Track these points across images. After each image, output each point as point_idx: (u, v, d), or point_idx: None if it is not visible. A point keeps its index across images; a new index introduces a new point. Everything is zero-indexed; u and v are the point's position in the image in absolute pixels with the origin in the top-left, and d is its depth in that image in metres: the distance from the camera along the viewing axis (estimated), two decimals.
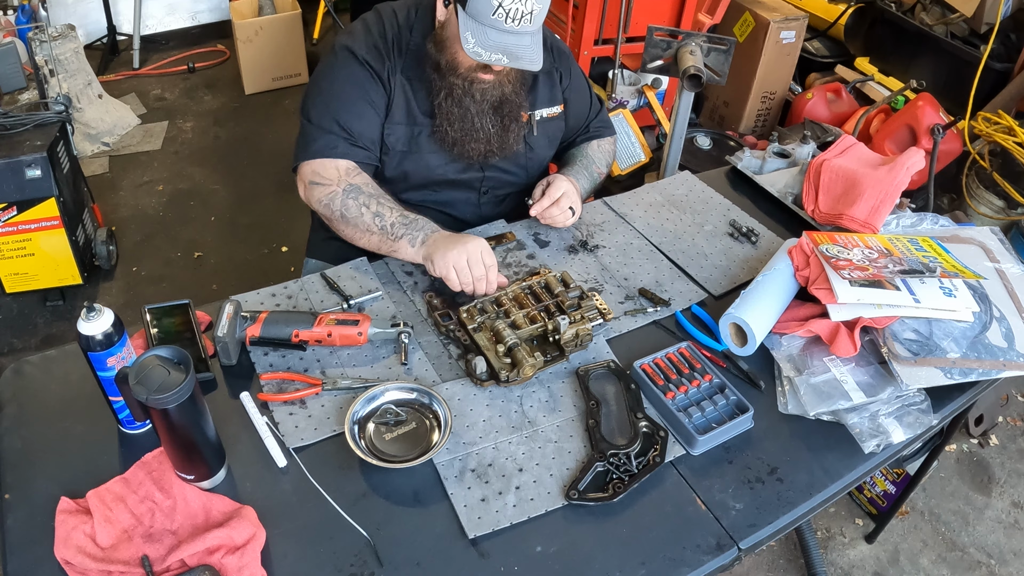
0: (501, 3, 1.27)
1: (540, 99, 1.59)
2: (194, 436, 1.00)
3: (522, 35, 1.32)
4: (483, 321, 1.29)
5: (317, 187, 1.44)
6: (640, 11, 2.87)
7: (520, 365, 1.20)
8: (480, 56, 1.31)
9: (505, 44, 1.31)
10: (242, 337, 1.22)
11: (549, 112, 1.61)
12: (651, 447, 1.13)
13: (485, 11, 1.28)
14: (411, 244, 1.39)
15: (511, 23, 1.29)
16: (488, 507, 1.05)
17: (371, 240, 1.42)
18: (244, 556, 0.95)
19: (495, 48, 1.31)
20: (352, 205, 1.42)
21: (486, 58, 1.31)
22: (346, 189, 1.42)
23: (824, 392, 1.21)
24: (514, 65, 1.34)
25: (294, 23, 3.85)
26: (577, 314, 1.29)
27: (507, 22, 1.29)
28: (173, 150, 3.52)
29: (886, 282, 1.29)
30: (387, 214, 1.41)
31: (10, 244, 2.42)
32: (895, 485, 2.01)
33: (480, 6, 1.28)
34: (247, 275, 2.86)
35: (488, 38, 1.30)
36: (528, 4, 1.29)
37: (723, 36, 1.85)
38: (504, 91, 1.47)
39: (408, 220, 1.41)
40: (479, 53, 1.31)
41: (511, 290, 1.35)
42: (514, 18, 1.29)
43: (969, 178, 2.86)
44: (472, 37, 1.30)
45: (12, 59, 2.50)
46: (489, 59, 1.31)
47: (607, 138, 1.77)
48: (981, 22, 3.02)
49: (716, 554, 1.02)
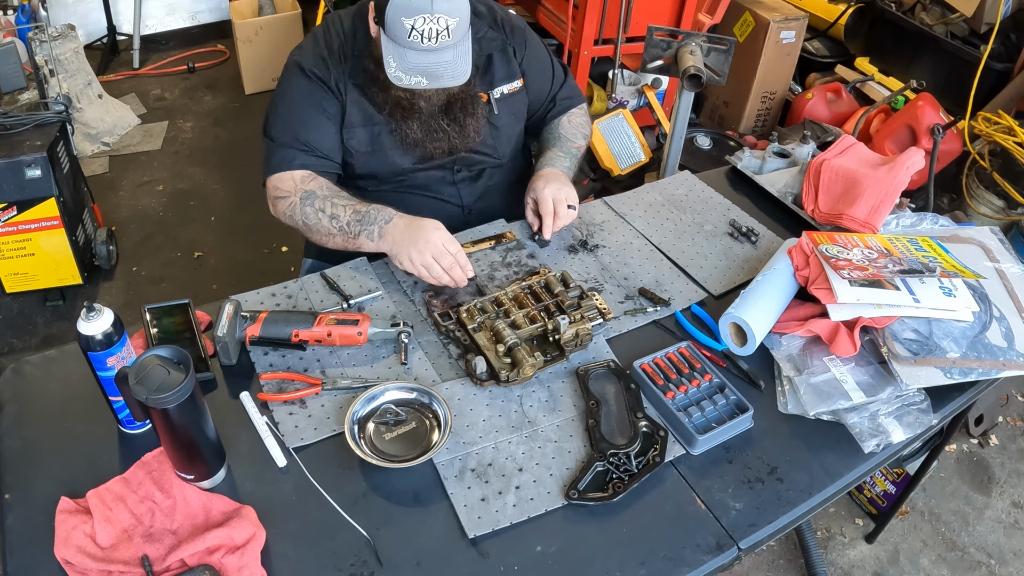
0: (414, 25, 1.28)
1: (498, 77, 1.58)
2: (194, 436, 1.00)
3: (442, 51, 1.33)
4: (483, 321, 1.29)
5: (280, 200, 1.48)
6: (640, 11, 2.87)
7: (520, 365, 1.20)
8: (401, 81, 1.33)
9: (425, 64, 1.32)
10: (242, 337, 1.22)
11: (509, 88, 1.60)
12: (651, 447, 1.13)
13: (401, 35, 1.30)
14: (369, 238, 1.39)
15: (428, 42, 1.30)
16: (488, 507, 1.05)
17: (336, 242, 1.43)
18: (244, 556, 0.95)
19: (415, 70, 1.32)
20: (310, 212, 1.44)
21: (406, 82, 1.34)
22: (302, 197, 1.45)
23: (824, 392, 1.21)
24: (434, 85, 1.36)
25: (294, 23, 3.86)
26: (577, 314, 1.29)
27: (424, 42, 1.29)
28: (173, 150, 3.52)
29: (886, 282, 1.29)
30: (341, 213, 1.41)
31: (10, 244, 2.42)
32: (895, 485, 2.01)
33: (396, 30, 1.30)
34: (247, 275, 2.86)
35: (407, 60, 1.32)
36: (440, 21, 1.28)
37: (723, 36, 1.85)
38: (450, 91, 1.46)
39: (361, 215, 1.40)
40: (400, 78, 1.33)
41: (511, 290, 1.35)
42: (429, 37, 1.29)
43: (969, 178, 2.86)
44: (394, 61, 1.32)
45: (12, 59, 2.50)
46: (408, 83, 1.34)
47: (576, 109, 1.75)
48: (981, 22, 3.02)
49: (716, 554, 1.02)
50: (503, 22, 1.60)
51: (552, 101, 1.72)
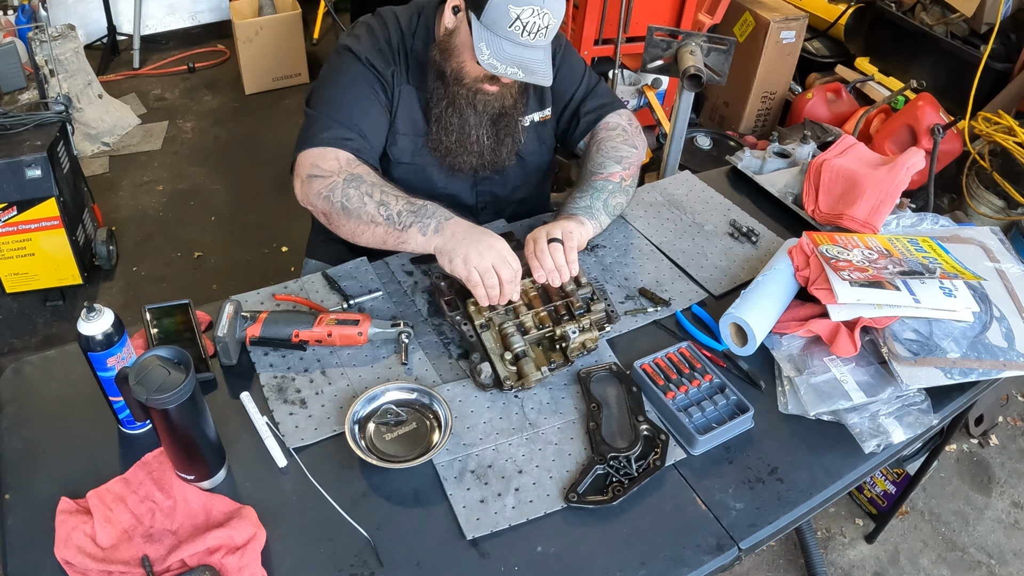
0: (519, 16, 1.24)
1: (531, 105, 1.55)
2: (194, 436, 1.00)
3: (536, 49, 1.29)
4: (491, 318, 1.27)
5: (316, 180, 1.34)
6: (640, 11, 2.87)
7: (526, 376, 1.20)
8: (495, 68, 1.28)
9: (520, 57, 1.28)
10: (242, 337, 1.22)
11: (540, 116, 1.58)
12: (652, 451, 1.13)
13: (502, 23, 1.25)
14: (422, 232, 1.26)
15: (527, 36, 1.26)
16: (487, 508, 1.05)
17: (376, 232, 1.30)
18: (244, 556, 0.95)
19: (510, 61, 1.28)
20: (354, 195, 1.30)
21: (501, 71, 1.28)
22: (347, 179, 1.32)
23: (824, 392, 1.21)
24: (528, 80, 1.30)
25: (294, 23, 3.85)
26: (586, 319, 1.28)
27: (523, 35, 1.26)
28: (173, 150, 3.52)
29: (886, 282, 1.29)
30: (392, 202, 1.29)
31: (10, 244, 2.42)
32: (895, 485, 2.01)
33: (497, 17, 1.25)
34: (247, 275, 2.86)
35: (503, 50, 1.27)
36: (546, 18, 1.26)
37: (723, 36, 1.85)
38: (505, 103, 1.44)
39: (416, 207, 1.28)
40: (494, 65, 1.27)
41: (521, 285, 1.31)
42: (531, 32, 1.26)
43: (969, 178, 2.86)
44: (487, 48, 1.27)
45: (12, 59, 2.50)
46: (504, 72, 1.28)
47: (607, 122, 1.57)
48: (981, 22, 3.02)
49: (716, 554, 1.02)
50: None
51: (575, 115, 1.60)
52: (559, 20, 1.29)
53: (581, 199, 1.44)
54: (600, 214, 1.43)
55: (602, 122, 1.58)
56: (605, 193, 1.45)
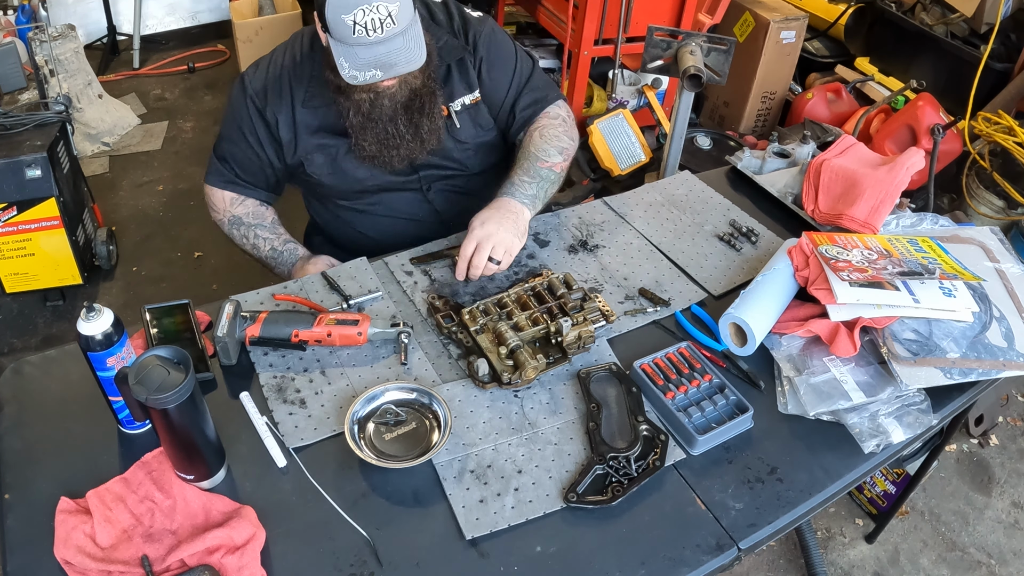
0: (355, 20, 1.24)
1: (457, 89, 1.54)
2: (194, 436, 1.00)
3: (391, 40, 1.28)
4: (485, 323, 1.29)
5: (213, 213, 1.63)
6: (640, 11, 2.87)
7: (522, 367, 1.20)
8: (356, 79, 1.29)
9: (376, 57, 1.28)
10: (242, 337, 1.22)
11: (470, 99, 1.56)
12: (651, 451, 1.13)
13: (346, 34, 1.26)
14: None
15: (374, 34, 1.26)
16: (486, 508, 1.05)
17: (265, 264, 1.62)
18: (244, 556, 0.95)
19: (367, 65, 1.28)
20: (236, 235, 1.60)
21: (362, 79, 1.29)
22: (231, 220, 1.59)
23: (824, 392, 1.21)
24: (389, 75, 1.32)
25: (294, 23, 3.86)
26: (579, 316, 1.29)
27: (369, 35, 1.26)
28: (173, 150, 3.52)
29: (886, 282, 1.29)
30: (261, 245, 1.59)
31: (10, 244, 2.42)
32: (895, 485, 2.01)
33: (340, 30, 1.26)
34: (247, 275, 2.85)
35: (358, 57, 1.28)
36: (381, 9, 1.24)
37: (723, 36, 1.85)
38: (413, 86, 1.42)
39: (276, 254, 1.58)
40: (355, 76, 1.29)
41: (513, 292, 1.35)
42: (373, 28, 1.25)
43: (969, 178, 2.86)
44: (346, 62, 1.28)
45: (12, 59, 2.50)
46: (365, 79, 1.29)
47: (548, 114, 1.59)
48: (981, 22, 3.02)
49: (716, 554, 1.02)
50: (462, 28, 1.54)
51: (513, 112, 1.60)
52: (401, 1, 1.26)
53: (530, 185, 1.48)
54: (539, 203, 1.50)
55: (541, 113, 1.61)
56: (548, 183, 1.52)
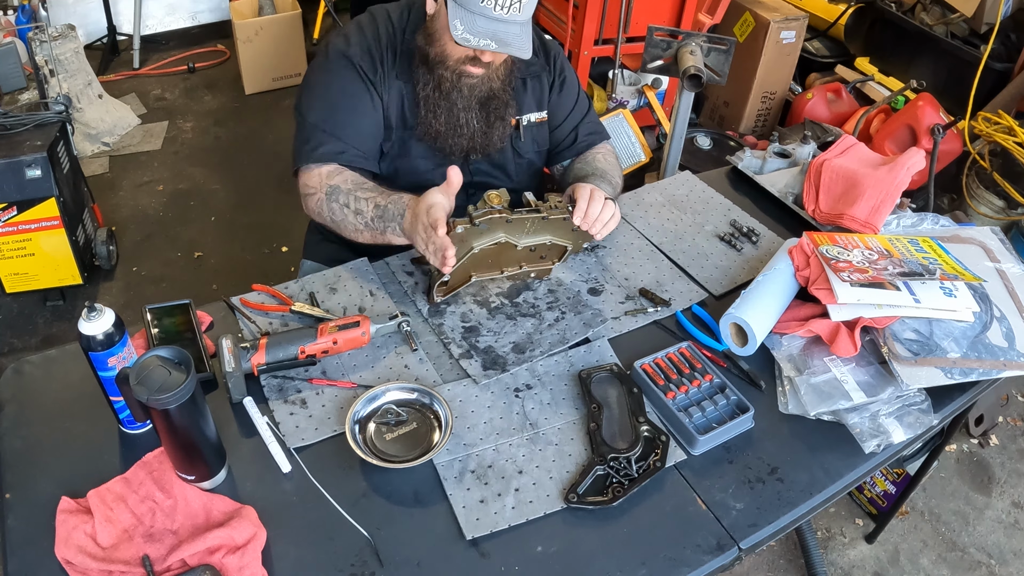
0: None
1: (527, 104, 1.57)
2: (195, 437, 1.00)
3: (511, 23, 1.30)
4: None
5: (309, 198, 1.44)
6: (640, 11, 2.87)
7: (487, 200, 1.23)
8: (468, 42, 1.30)
9: (494, 31, 1.30)
10: (247, 369, 1.17)
11: (537, 117, 1.59)
12: (652, 452, 1.13)
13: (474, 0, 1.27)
14: (396, 236, 1.35)
15: (500, 11, 1.28)
16: (487, 508, 1.05)
17: (365, 236, 1.40)
18: (245, 556, 0.95)
19: (483, 34, 1.29)
20: (336, 208, 1.40)
21: (474, 43, 1.30)
22: (328, 193, 1.41)
23: (824, 392, 1.21)
24: (503, 51, 1.32)
25: (294, 23, 3.85)
26: None
27: (496, 9, 1.28)
28: (173, 150, 3.52)
29: (886, 282, 1.29)
30: (365, 208, 1.37)
31: (10, 244, 2.42)
32: (895, 485, 2.01)
33: None
34: (247, 275, 2.86)
35: (476, 25, 1.29)
36: None
37: (723, 36, 1.86)
38: (492, 86, 1.45)
39: (382, 211, 1.36)
40: (467, 39, 1.29)
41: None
42: (503, 6, 1.28)
43: (969, 178, 2.86)
44: (461, 24, 1.29)
45: (12, 59, 2.50)
46: (478, 44, 1.30)
47: (604, 147, 1.68)
48: (981, 22, 3.02)
49: (716, 554, 1.02)
50: (541, 49, 1.57)
51: (574, 134, 1.64)
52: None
53: (607, 188, 1.50)
54: None
55: (598, 145, 1.67)
56: (615, 196, 1.57)
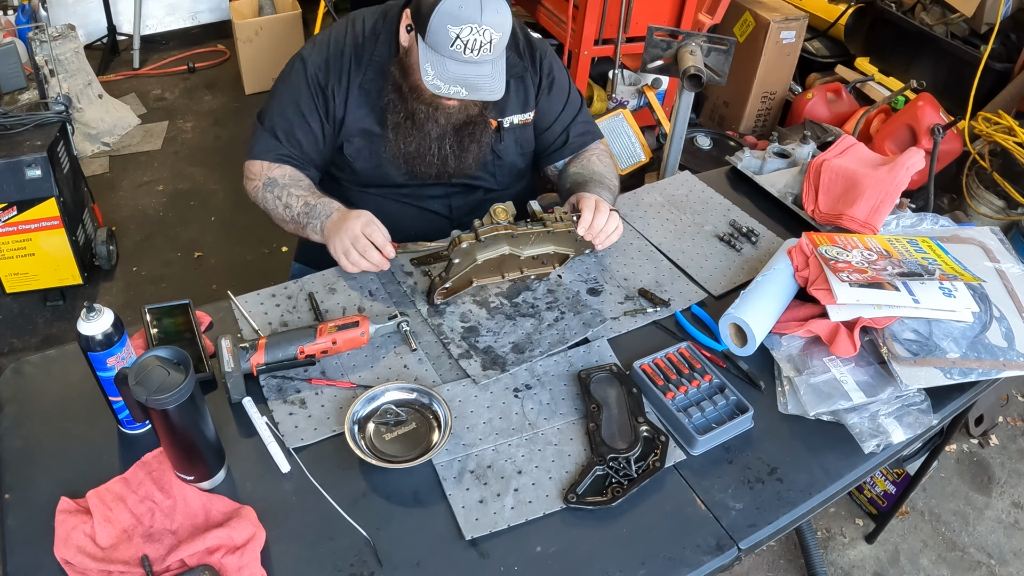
0: (459, 35, 1.26)
1: (511, 105, 1.55)
2: (194, 437, 1.00)
3: (482, 64, 1.31)
4: None
5: (248, 182, 1.54)
6: (640, 11, 2.87)
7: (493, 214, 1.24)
8: (439, 89, 1.31)
9: (465, 75, 1.31)
10: (247, 369, 1.17)
11: (521, 119, 1.58)
12: (651, 452, 1.13)
13: (443, 43, 1.27)
14: (315, 233, 1.42)
15: (470, 54, 1.28)
16: (486, 509, 1.05)
17: (292, 229, 1.48)
18: (244, 556, 0.95)
19: (454, 80, 1.30)
20: (269, 198, 1.48)
21: (444, 91, 1.31)
22: (265, 183, 1.49)
23: (824, 392, 1.21)
24: (472, 97, 1.34)
25: (294, 23, 3.85)
26: None
27: (466, 53, 1.28)
28: (173, 150, 3.52)
29: (886, 283, 1.29)
30: (294, 204, 1.45)
31: (10, 244, 2.42)
32: (895, 485, 2.01)
33: (438, 38, 1.27)
34: (247, 275, 2.86)
35: (447, 70, 1.30)
36: (487, 34, 1.27)
37: (723, 36, 1.85)
38: (470, 113, 1.45)
39: (309, 208, 1.43)
40: (438, 86, 1.31)
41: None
42: (473, 49, 1.28)
43: (969, 178, 2.86)
44: (432, 69, 1.30)
45: (12, 59, 2.50)
46: (448, 92, 1.31)
47: (598, 147, 1.66)
48: (981, 22, 3.02)
49: (716, 554, 1.02)
50: (527, 49, 1.56)
51: (566, 134, 1.64)
52: (503, 33, 1.31)
53: (606, 194, 1.51)
54: None
55: (592, 145, 1.67)
56: (614, 199, 1.57)
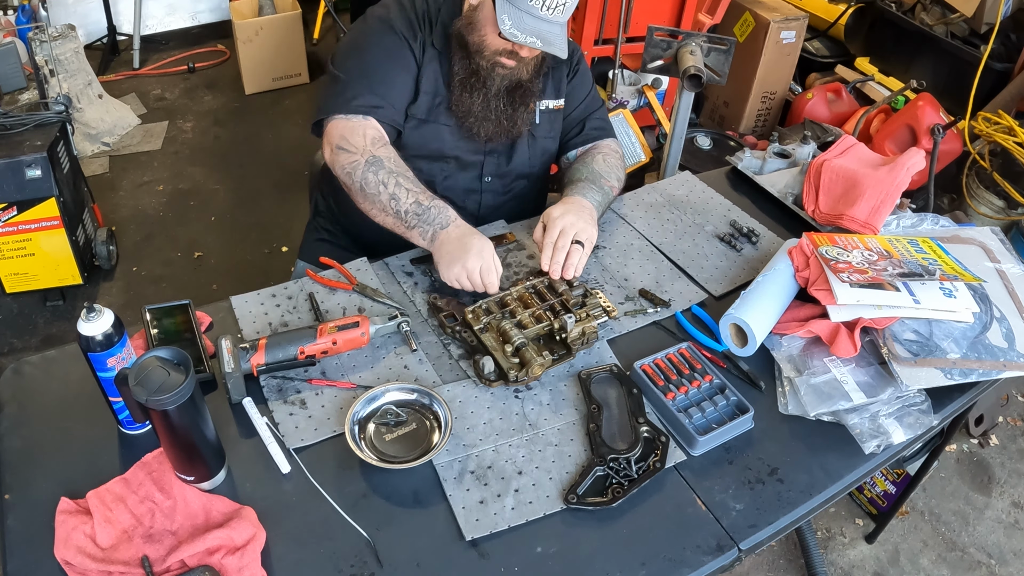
0: None
1: (547, 90, 1.61)
2: (194, 437, 0.99)
3: (554, 23, 1.36)
4: (488, 322, 1.29)
5: (343, 153, 1.41)
6: (640, 11, 2.87)
7: (529, 364, 1.20)
8: (516, 37, 1.34)
9: (539, 29, 1.35)
10: (247, 369, 1.17)
11: (554, 104, 1.63)
12: (652, 452, 1.13)
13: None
14: (423, 237, 1.37)
15: (546, 11, 1.34)
16: (486, 509, 1.05)
17: (387, 221, 1.40)
18: (244, 556, 0.95)
19: (530, 32, 1.35)
20: (372, 180, 1.38)
21: (521, 39, 1.35)
22: (368, 161, 1.39)
23: (824, 392, 1.21)
24: (546, 50, 1.38)
25: (294, 23, 3.85)
26: (582, 312, 1.29)
27: (543, 10, 1.34)
28: (173, 150, 3.52)
29: (886, 284, 1.29)
30: (403, 197, 1.37)
31: (10, 244, 2.42)
32: (895, 485, 2.01)
33: None
34: (247, 275, 2.86)
35: (524, 22, 1.34)
36: None
37: (723, 36, 1.85)
38: (521, 77, 1.50)
39: (422, 210, 1.36)
40: (515, 35, 1.34)
41: (515, 291, 1.35)
42: (550, 7, 1.34)
43: (969, 178, 2.86)
44: (509, 19, 1.34)
45: (12, 59, 2.50)
46: (524, 40, 1.35)
47: (608, 145, 1.68)
48: (981, 22, 3.02)
49: (716, 555, 1.02)
50: None
51: (581, 125, 1.67)
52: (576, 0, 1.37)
53: (595, 193, 1.53)
54: (600, 212, 1.53)
55: (603, 142, 1.68)
56: (607, 200, 1.57)
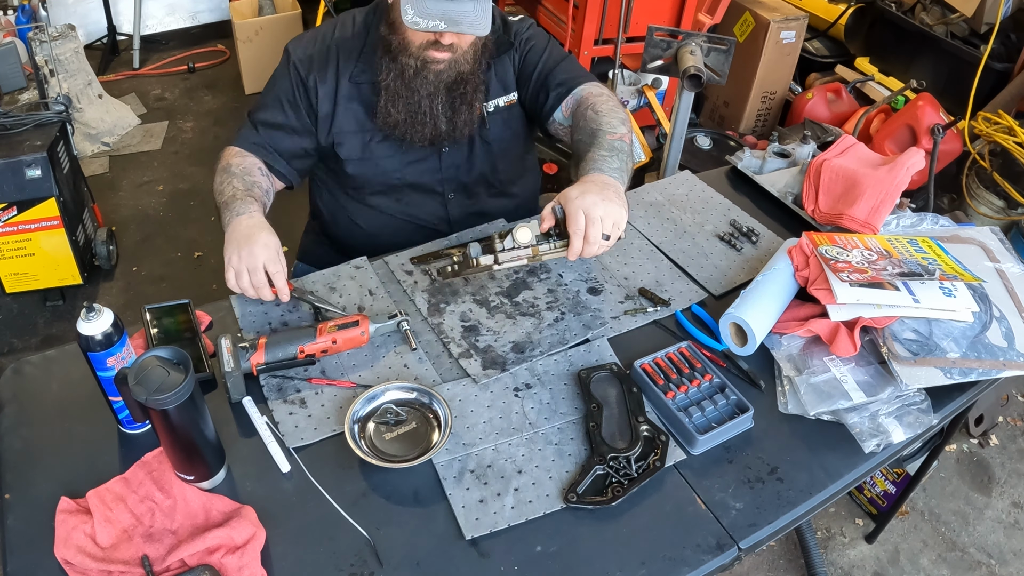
0: None
1: (493, 89, 1.53)
2: (194, 437, 1.00)
3: (462, 1, 1.27)
4: None
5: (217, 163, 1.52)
6: (640, 11, 2.87)
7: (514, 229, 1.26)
8: (418, 25, 1.28)
9: (444, 11, 1.27)
10: (247, 368, 1.17)
11: (505, 100, 1.55)
12: (652, 451, 1.13)
13: None
14: (223, 225, 1.39)
15: None
16: (486, 508, 1.05)
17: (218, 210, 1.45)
18: (244, 556, 0.95)
19: (433, 15, 1.27)
20: (216, 182, 1.46)
21: (423, 25, 1.28)
22: (220, 167, 1.47)
23: (824, 392, 1.21)
24: (452, 30, 1.30)
25: (294, 23, 3.86)
26: None
27: None
28: (173, 150, 3.52)
29: (886, 283, 1.29)
30: (226, 191, 1.42)
31: (10, 244, 2.42)
32: (895, 485, 2.01)
33: None
34: None
35: (426, 6, 1.27)
36: None
37: (723, 36, 1.86)
38: (461, 70, 1.42)
39: (233, 201, 1.40)
40: (417, 22, 1.28)
41: None
42: None
43: (969, 178, 2.86)
44: (411, 8, 1.27)
45: (12, 59, 2.50)
46: (426, 26, 1.28)
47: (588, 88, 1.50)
48: (981, 22, 3.02)
49: (716, 554, 1.02)
50: (502, 29, 1.53)
51: (546, 88, 1.52)
52: None
53: (611, 159, 1.32)
54: (625, 178, 1.33)
55: (583, 91, 1.50)
56: (625, 155, 1.36)
